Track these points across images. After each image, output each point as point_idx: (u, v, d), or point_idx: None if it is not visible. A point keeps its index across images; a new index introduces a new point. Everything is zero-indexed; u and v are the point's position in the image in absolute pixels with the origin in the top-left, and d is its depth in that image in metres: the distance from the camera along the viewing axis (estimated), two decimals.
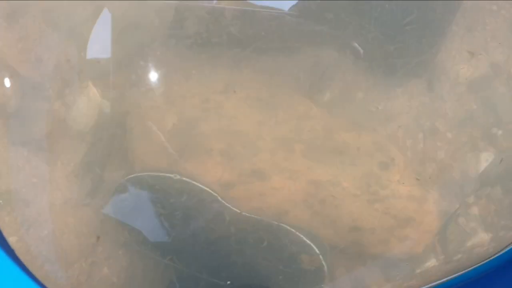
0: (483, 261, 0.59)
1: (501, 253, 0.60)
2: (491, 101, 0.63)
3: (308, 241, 0.59)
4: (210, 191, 0.60)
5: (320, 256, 0.59)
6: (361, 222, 0.57)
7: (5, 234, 0.60)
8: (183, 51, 0.66)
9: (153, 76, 0.66)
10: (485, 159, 0.61)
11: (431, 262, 0.59)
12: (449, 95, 0.63)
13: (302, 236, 0.59)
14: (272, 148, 0.60)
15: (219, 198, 0.60)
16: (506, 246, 0.60)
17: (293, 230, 0.59)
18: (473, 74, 0.62)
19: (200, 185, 0.60)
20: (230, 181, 0.59)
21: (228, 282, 0.62)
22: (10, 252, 0.61)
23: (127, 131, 0.64)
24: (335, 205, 0.57)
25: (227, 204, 0.60)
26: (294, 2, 0.63)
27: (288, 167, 0.58)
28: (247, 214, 0.59)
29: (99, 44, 0.64)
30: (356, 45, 0.62)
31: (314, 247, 0.59)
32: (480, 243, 0.60)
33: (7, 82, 0.63)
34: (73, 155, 0.63)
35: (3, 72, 0.63)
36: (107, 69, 0.65)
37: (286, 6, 0.63)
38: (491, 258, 0.60)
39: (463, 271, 0.59)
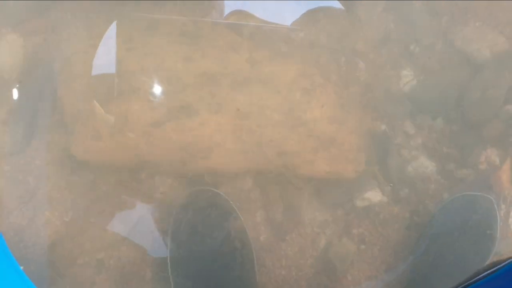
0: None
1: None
2: (408, 18, 0.63)
3: None
4: None
5: None
6: (286, 146, 0.59)
7: None
8: None
9: (73, 20, 0.65)
10: (405, 76, 0.63)
11: (375, 193, 0.62)
12: (368, 16, 0.64)
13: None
14: (199, 83, 0.60)
15: None
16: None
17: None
18: None
19: None
20: (159, 119, 0.60)
21: None
22: None
23: (54, 75, 0.64)
24: (261, 133, 0.59)
25: None
26: None
27: (215, 101, 0.59)
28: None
29: None
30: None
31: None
32: (425, 172, 0.63)
33: None
34: (1, 104, 0.63)
35: None
36: (25, 15, 0.64)
37: None
38: None
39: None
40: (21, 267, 0.57)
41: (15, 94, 0.63)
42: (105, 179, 0.64)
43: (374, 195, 0.61)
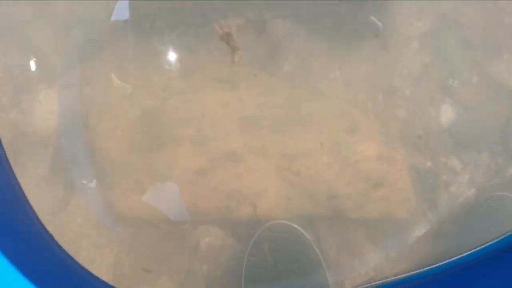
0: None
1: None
2: (444, 53, 0.64)
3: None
4: None
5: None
6: (337, 189, 0.58)
7: None
8: (136, 41, 0.64)
9: (108, 70, 0.65)
10: (445, 111, 0.63)
11: (422, 227, 0.62)
12: (403, 52, 0.64)
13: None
14: (240, 127, 0.60)
15: None
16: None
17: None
18: (423, 28, 0.63)
19: None
20: (204, 167, 0.59)
21: None
22: None
23: (90, 129, 0.63)
24: (309, 176, 0.58)
25: None
26: None
27: (259, 145, 0.59)
28: None
29: (49, 45, 0.62)
30: (374, 19, 0.62)
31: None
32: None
33: None
34: (40, 162, 0.61)
35: None
36: (59, 69, 0.63)
37: None
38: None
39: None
40: None
41: (53, 150, 0.62)
42: (147, 233, 0.62)
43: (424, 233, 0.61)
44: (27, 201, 0.57)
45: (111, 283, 0.61)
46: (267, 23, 0.64)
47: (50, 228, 0.61)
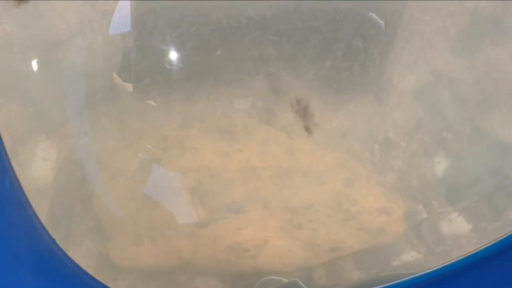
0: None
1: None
2: (437, 106, 0.66)
3: None
4: None
5: None
6: (339, 242, 0.59)
7: None
8: (133, 93, 0.65)
9: (106, 122, 0.65)
10: (438, 163, 0.65)
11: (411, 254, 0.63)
12: (397, 105, 0.66)
13: None
14: (241, 177, 0.60)
15: None
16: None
17: None
18: (417, 83, 0.66)
19: None
20: (204, 219, 0.59)
21: None
22: None
23: (88, 180, 0.62)
24: (312, 229, 0.58)
25: None
26: None
27: (260, 196, 0.59)
28: None
29: (47, 95, 0.62)
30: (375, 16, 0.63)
31: None
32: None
33: None
34: (38, 213, 0.61)
35: None
36: (58, 121, 0.63)
37: None
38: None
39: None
40: None
41: (50, 202, 0.61)
42: (145, 285, 0.61)
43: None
44: None
45: None
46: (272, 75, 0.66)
47: None
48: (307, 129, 0.66)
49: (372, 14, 0.64)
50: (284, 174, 0.61)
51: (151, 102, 0.65)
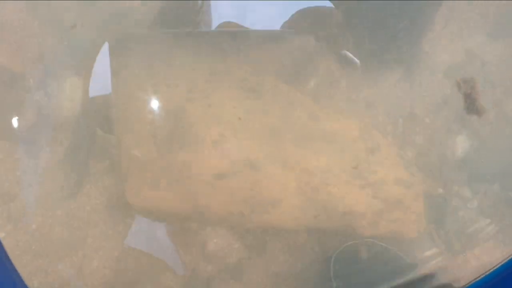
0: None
1: None
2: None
3: None
4: None
5: None
6: (354, 207, 0.59)
7: None
8: (166, 39, 0.65)
9: (135, 63, 0.65)
10: (461, 143, 0.65)
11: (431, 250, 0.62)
12: (427, 82, 0.66)
13: None
14: (263, 136, 0.60)
15: None
16: None
17: None
18: (449, 61, 0.65)
19: None
20: (223, 171, 0.59)
21: None
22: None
23: (111, 121, 0.63)
24: (328, 192, 0.59)
25: None
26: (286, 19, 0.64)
27: (280, 156, 0.59)
28: None
29: (81, 32, 0.62)
30: (350, 55, 0.63)
31: None
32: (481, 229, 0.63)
33: None
34: (57, 146, 0.61)
35: None
36: (89, 57, 0.63)
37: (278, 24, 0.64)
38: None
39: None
40: None
41: (72, 136, 0.62)
42: (156, 228, 0.62)
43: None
44: None
45: (112, 276, 0.61)
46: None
47: (60, 212, 0.61)
48: (332, 97, 0.66)
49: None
50: (306, 138, 0.61)
51: (182, 51, 0.65)
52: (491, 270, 0.57)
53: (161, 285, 0.60)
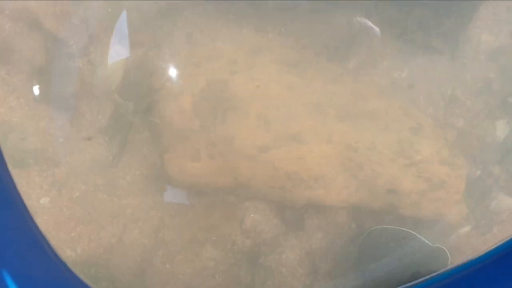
0: None
1: None
2: (509, 70, 0.66)
3: None
4: None
5: None
6: (399, 186, 0.59)
7: (35, 195, 0.57)
8: (209, 12, 0.64)
9: (178, 36, 0.65)
10: (501, 127, 0.65)
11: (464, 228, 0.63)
12: (470, 64, 0.66)
13: None
14: (306, 112, 0.60)
15: None
16: None
17: None
18: (494, 44, 0.65)
19: None
20: (266, 144, 0.59)
21: None
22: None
23: (153, 91, 0.63)
24: (372, 169, 0.59)
25: None
26: None
27: (325, 131, 0.59)
28: None
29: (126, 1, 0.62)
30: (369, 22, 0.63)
31: None
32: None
33: (31, 34, 0.59)
34: (99, 115, 0.61)
35: (27, 23, 0.59)
36: (133, 27, 0.63)
37: None
38: None
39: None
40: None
41: (114, 106, 0.62)
42: (195, 201, 0.62)
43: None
44: None
45: (152, 246, 0.61)
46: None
47: (100, 181, 0.61)
48: (374, 75, 0.66)
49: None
50: (350, 115, 0.61)
51: (223, 23, 0.65)
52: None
53: (200, 258, 0.60)
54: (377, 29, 0.66)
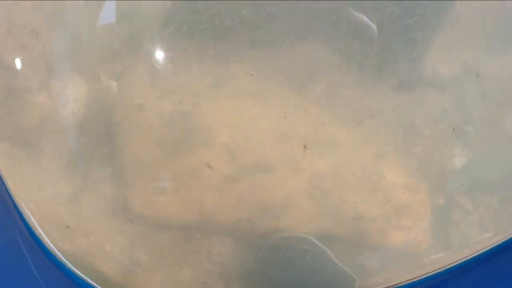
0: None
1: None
2: (462, 99, 0.68)
3: None
4: None
5: None
6: (365, 211, 0.60)
7: None
8: (171, 43, 0.65)
9: (139, 69, 0.65)
10: (458, 155, 0.67)
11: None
12: (425, 94, 0.68)
13: None
14: (271, 141, 0.61)
15: None
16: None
17: None
18: (446, 75, 0.68)
19: None
20: (232, 175, 0.59)
21: None
22: None
23: (114, 125, 0.62)
24: (338, 196, 0.60)
25: None
26: None
27: (292, 159, 0.60)
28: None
29: (87, 34, 0.62)
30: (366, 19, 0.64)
31: None
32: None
33: None
34: (60, 150, 0.60)
35: None
36: (93, 59, 0.63)
37: None
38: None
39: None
40: None
41: (75, 139, 0.61)
42: (156, 236, 0.61)
43: None
44: None
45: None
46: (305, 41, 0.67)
47: (67, 218, 0.59)
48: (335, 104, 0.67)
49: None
50: (314, 143, 0.62)
51: (185, 55, 0.65)
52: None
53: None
54: (373, 26, 0.67)
